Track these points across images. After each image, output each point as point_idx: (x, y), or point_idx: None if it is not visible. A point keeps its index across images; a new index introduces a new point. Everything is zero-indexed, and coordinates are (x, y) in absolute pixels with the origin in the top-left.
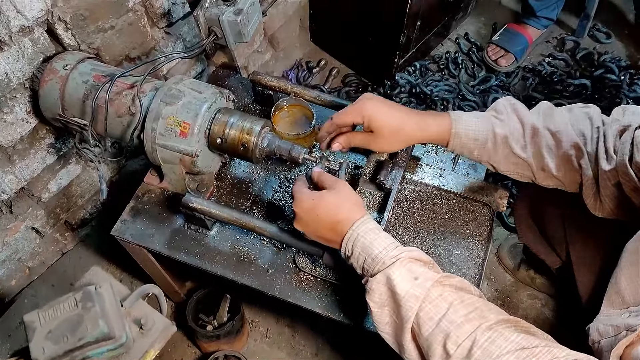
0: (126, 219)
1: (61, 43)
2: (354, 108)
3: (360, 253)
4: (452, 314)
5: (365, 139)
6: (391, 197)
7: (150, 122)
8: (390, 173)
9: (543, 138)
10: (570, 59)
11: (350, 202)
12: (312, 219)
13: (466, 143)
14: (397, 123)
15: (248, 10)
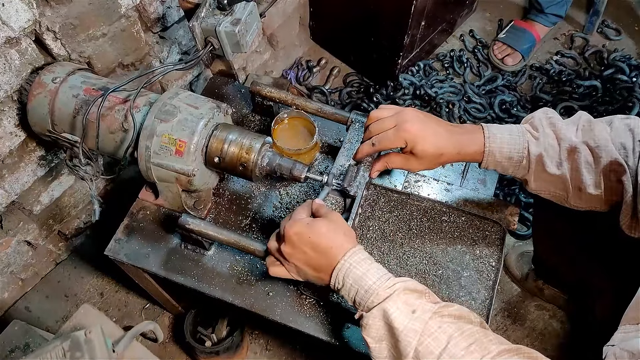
0: (120, 237)
1: (50, 53)
2: (399, 135)
3: (352, 285)
4: (453, 347)
5: (405, 162)
6: (356, 204)
7: (144, 140)
8: (355, 179)
9: (581, 154)
10: (579, 57)
11: (343, 232)
12: (304, 242)
13: (500, 161)
14: (439, 146)
15: (246, 20)
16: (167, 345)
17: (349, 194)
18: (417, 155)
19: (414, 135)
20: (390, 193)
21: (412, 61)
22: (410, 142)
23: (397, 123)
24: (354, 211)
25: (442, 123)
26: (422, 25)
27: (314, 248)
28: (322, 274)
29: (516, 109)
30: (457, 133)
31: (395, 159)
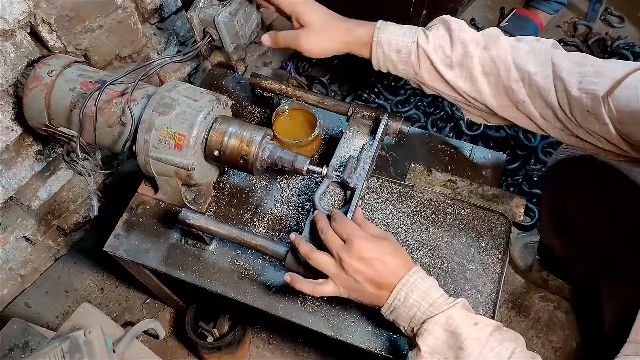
0: (120, 233)
1: (46, 46)
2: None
3: (416, 300)
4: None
5: (294, 35)
6: (355, 195)
7: (143, 134)
8: (355, 171)
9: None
10: (581, 45)
11: (403, 250)
12: (375, 257)
13: (388, 54)
14: (327, 18)
15: (245, 10)
16: (168, 340)
17: (348, 185)
18: (306, 25)
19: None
20: (394, 185)
21: None
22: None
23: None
24: (353, 203)
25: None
26: (424, 14)
27: (387, 266)
28: (383, 290)
29: None
30: (350, 21)
31: (285, 33)
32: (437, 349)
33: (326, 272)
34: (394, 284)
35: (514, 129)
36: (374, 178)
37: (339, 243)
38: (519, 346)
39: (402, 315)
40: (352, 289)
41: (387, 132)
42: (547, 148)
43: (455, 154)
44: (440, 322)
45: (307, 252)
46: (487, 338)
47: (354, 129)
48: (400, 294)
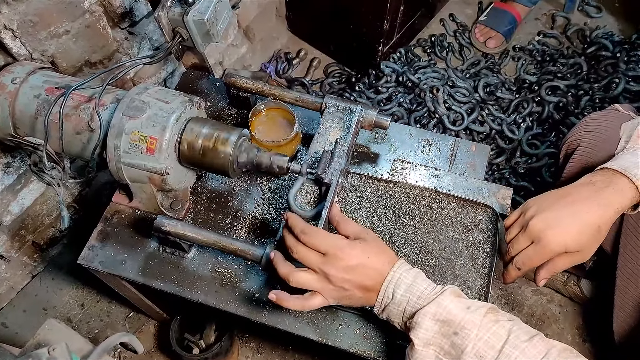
0: (94, 244)
1: (10, 53)
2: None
3: (403, 295)
4: (514, 339)
5: (571, 260)
6: (331, 191)
7: (113, 139)
8: (330, 166)
9: None
10: (561, 36)
11: (385, 245)
12: (362, 265)
13: None
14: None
15: (216, 8)
16: (153, 355)
17: (323, 181)
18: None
19: (556, 241)
20: (377, 182)
21: (393, 48)
22: (557, 248)
23: (531, 236)
24: (329, 199)
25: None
26: (401, 10)
27: (372, 268)
28: (372, 292)
29: (500, 92)
30: (596, 195)
31: (562, 264)
32: (430, 340)
33: (312, 289)
34: (381, 283)
35: (497, 121)
36: (356, 176)
37: (316, 258)
38: (516, 324)
39: (393, 313)
40: (341, 298)
41: (363, 125)
42: (531, 140)
43: (438, 147)
44: (430, 312)
45: (286, 275)
46: (482, 319)
47: (327, 123)
48: (387, 292)
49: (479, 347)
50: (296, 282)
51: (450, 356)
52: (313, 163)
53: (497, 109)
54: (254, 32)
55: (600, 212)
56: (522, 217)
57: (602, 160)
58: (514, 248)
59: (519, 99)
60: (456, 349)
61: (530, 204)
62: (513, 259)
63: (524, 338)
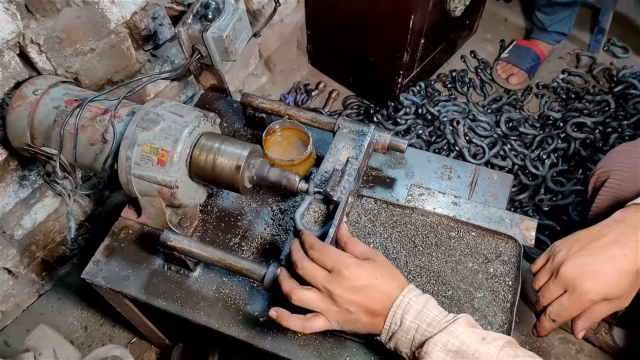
0: (99, 259)
1: (35, 67)
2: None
3: (412, 321)
4: None
5: (610, 307)
6: (339, 210)
7: (125, 150)
8: (339, 184)
9: None
10: (586, 75)
11: (395, 269)
12: (369, 286)
13: None
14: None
15: (235, 26)
16: None
17: (332, 199)
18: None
19: (592, 289)
20: (392, 207)
21: (413, 81)
22: (595, 297)
23: (564, 284)
24: (337, 217)
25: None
26: (422, 44)
27: (381, 291)
28: (379, 317)
29: (524, 127)
30: (629, 235)
31: (600, 312)
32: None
33: (314, 309)
34: (389, 308)
35: (520, 157)
36: (370, 200)
37: (322, 275)
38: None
39: (401, 341)
40: (345, 321)
41: (376, 148)
42: (557, 177)
43: (458, 174)
44: (441, 342)
45: (289, 292)
46: (498, 352)
47: (340, 143)
48: (395, 318)
49: None
50: (298, 299)
51: None
52: (323, 182)
53: (520, 144)
54: (275, 62)
55: (637, 255)
56: (550, 263)
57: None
58: (545, 297)
59: (543, 135)
60: None
61: (559, 247)
62: (545, 309)
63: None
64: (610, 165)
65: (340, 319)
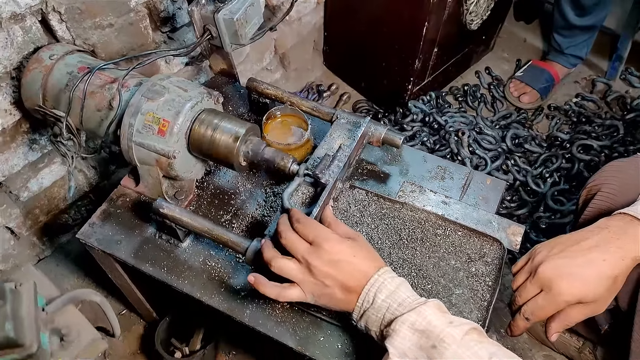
0: (95, 222)
1: (54, 35)
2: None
3: (384, 300)
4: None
5: (585, 311)
6: (325, 192)
7: (129, 117)
8: (328, 168)
9: None
10: (600, 101)
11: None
12: (346, 261)
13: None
14: (607, 274)
15: (247, 10)
16: (137, 356)
17: (320, 181)
18: (593, 301)
19: (567, 290)
20: (382, 200)
21: (424, 90)
22: (570, 298)
23: (540, 284)
24: (322, 198)
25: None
26: (435, 53)
27: (357, 268)
28: (353, 294)
29: (530, 145)
30: (610, 241)
31: (575, 315)
32: (406, 352)
33: (292, 278)
34: (363, 286)
35: (522, 173)
36: (362, 191)
37: (303, 246)
38: (500, 349)
39: (371, 319)
40: (320, 295)
41: (371, 140)
42: (557, 196)
43: (452, 176)
44: (409, 321)
45: (270, 259)
46: (463, 336)
47: (335, 133)
48: (368, 296)
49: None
50: (278, 267)
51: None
52: (314, 167)
53: (523, 161)
54: (290, 60)
55: (616, 261)
56: (530, 263)
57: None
58: (521, 296)
59: (548, 154)
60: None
61: (540, 248)
62: (521, 308)
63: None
64: (601, 179)
65: (316, 292)
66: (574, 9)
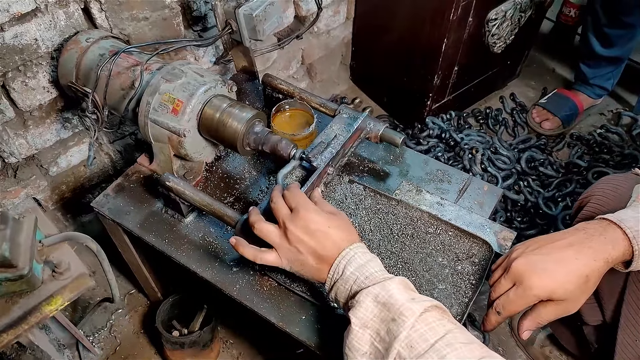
0: (109, 193)
1: (94, 23)
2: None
3: (352, 272)
4: (452, 338)
5: (557, 310)
6: (315, 174)
7: (147, 96)
8: (322, 153)
9: None
10: (625, 134)
11: (352, 227)
12: (321, 230)
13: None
14: (579, 273)
15: (266, 8)
16: (140, 336)
17: (311, 163)
18: (564, 299)
19: (537, 285)
20: (379, 196)
21: (444, 108)
22: (540, 293)
23: (513, 278)
24: (311, 180)
25: (555, 241)
26: (455, 71)
27: (331, 239)
28: (325, 264)
29: (545, 168)
30: (585, 242)
31: (546, 313)
32: (368, 323)
33: (270, 242)
34: (335, 258)
35: (534, 195)
36: (360, 186)
37: (286, 212)
38: (458, 328)
39: (340, 290)
40: (294, 261)
41: (369, 136)
42: (568, 220)
43: (450, 180)
44: (373, 293)
45: (254, 222)
46: (423, 313)
47: (335, 125)
48: (339, 267)
49: (412, 338)
50: (259, 230)
51: (384, 343)
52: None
53: (537, 183)
54: (317, 71)
55: (589, 261)
56: (507, 260)
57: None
58: (495, 291)
59: (562, 178)
60: (390, 336)
61: (517, 246)
62: (494, 305)
63: (461, 340)
64: (593, 191)
65: (290, 257)
66: (599, 40)
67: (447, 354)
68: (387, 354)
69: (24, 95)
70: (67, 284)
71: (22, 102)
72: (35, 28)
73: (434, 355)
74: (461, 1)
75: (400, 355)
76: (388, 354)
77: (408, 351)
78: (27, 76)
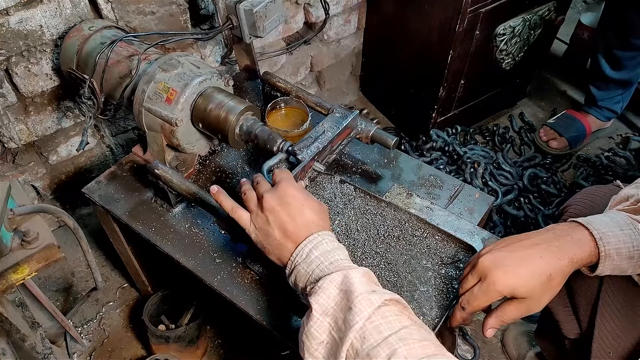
0: (101, 180)
1: (100, 13)
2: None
3: (317, 257)
4: (406, 334)
5: (520, 308)
6: (299, 167)
7: (143, 84)
8: (308, 148)
9: None
10: (632, 159)
11: (328, 217)
12: (294, 206)
13: (619, 264)
14: (542, 271)
15: (267, 6)
16: (128, 331)
17: (296, 157)
18: (527, 296)
19: (500, 281)
20: (369, 197)
21: (450, 122)
22: (503, 289)
23: (479, 274)
24: (293, 173)
25: (523, 239)
26: (462, 84)
27: (302, 219)
28: (289, 242)
29: (547, 187)
30: (551, 241)
31: (510, 311)
32: (329, 311)
33: (248, 207)
34: (302, 239)
35: (535, 211)
36: (350, 186)
37: (268, 186)
38: (416, 325)
39: (301, 273)
40: (260, 229)
41: (360, 136)
42: None
43: (442, 185)
44: (336, 280)
45: (241, 185)
46: (381, 306)
47: (327, 123)
48: (303, 251)
49: (366, 329)
50: (245, 195)
51: (340, 332)
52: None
53: (538, 201)
54: (325, 79)
55: (553, 260)
56: (476, 257)
57: None
58: (462, 287)
59: (563, 198)
60: (346, 325)
61: (487, 245)
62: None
63: (416, 336)
64: (573, 201)
65: (258, 224)
66: (609, 62)
67: (398, 348)
68: (341, 343)
69: (26, 81)
70: (34, 254)
71: (24, 88)
72: (40, 14)
73: (385, 349)
74: (468, 13)
75: (353, 345)
76: (342, 343)
77: (360, 342)
78: (30, 62)
